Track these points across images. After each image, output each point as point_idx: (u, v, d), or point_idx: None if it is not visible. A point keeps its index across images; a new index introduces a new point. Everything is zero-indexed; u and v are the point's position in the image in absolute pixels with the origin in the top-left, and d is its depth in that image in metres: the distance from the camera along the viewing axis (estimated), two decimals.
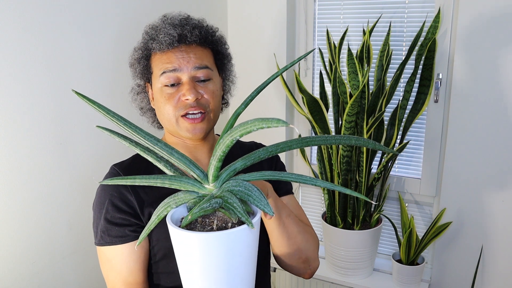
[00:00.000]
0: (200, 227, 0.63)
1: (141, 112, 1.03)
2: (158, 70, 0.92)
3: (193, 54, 0.92)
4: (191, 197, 0.64)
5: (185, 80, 0.91)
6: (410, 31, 1.78)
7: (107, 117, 0.60)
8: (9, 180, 1.17)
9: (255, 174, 0.64)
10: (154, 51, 0.94)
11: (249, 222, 0.58)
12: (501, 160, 1.64)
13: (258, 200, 0.59)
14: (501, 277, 1.75)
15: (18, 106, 1.17)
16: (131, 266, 0.92)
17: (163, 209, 0.64)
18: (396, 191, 1.93)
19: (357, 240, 1.80)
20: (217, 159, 0.59)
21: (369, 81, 1.69)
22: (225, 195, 0.61)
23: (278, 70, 0.64)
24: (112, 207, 0.92)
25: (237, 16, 2.03)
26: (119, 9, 1.45)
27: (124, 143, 0.62)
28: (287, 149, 0.63)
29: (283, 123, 0.45)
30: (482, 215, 1.72)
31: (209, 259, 0.60)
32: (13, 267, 1.20)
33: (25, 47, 1.17)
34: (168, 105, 0.91)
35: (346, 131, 1.66)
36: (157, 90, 0.94)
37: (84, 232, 1.40)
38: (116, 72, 1.46)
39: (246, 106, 0.65)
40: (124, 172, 0.95)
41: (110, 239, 0.91)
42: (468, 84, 1.64)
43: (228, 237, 0.59)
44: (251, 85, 1.11)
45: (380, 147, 0.68)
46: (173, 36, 0.91)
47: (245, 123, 0.50)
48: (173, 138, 0.99)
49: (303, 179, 0.62)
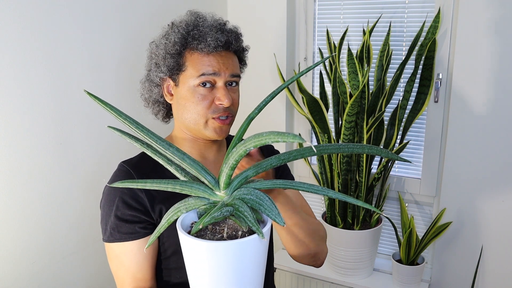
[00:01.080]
0: (210, 234, 0.63)
1: (146, 103, 1.03)
2: (196, 71, 0.93)
3: (231, 61, 0.96)
4: (201, 203, 0.63)
5: (221, 85, 0.94)
6: (410, 31, 1.78)
7: (118, 119, 0.60)
8: (9, 180, 1.17)
9: (266, 182, 0.64)
10: (195, 50, 0.94)
11: (260, 232, 0.58)
12: (501, 160, 1.64)
13: (270, 210, 0.59)
14: (501, 277, 1.75)
15: (18, 106, 1.17)
16: (140, 262, 0.93)
17: (173, 214, 0.64)
18: (396, 191, 1.93)
19: (357, 240, 1.80)
20: (230, 167, 0.59)
21: (369, 81, 1.69)
22: (236, 203, 0.61)
23: (295, 75, 0.63)
24: (122, 204, 0.92)
25: (237, 16, 2.03)
26: (119, 9, 1.45)
27: (135, 145, 0.61)
28: (300, 157, 0.63)
29: (299, 139, 0.45)
30: (482, 215, 1.72)
31: (218, 267, 0.59)
32: (13, 267, 1.20)
33: (25, 47, 1.17)
34: (200, 106, 0.93)
35: (346, 131, 1.66)
36: (187, 89, 0.94)
37: (84, 232, 1.40)
38: (117, 72, 1.46)
39: (259, 111, 0.65)
40: (134, 170, 0.96)
41: (120, 235, 0.92)
42: (468, 84, 1.64)
43: (238, 246, 0.59)
44: (251, 85, 1.11)
45: (393, 156, 0.67)
46: (221, 41, 0.93)
47: (260, 134, 0.50)
48: (184, 134, 1.00)
49: (314, 189, 0.62)
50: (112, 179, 0.97)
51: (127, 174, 0.96)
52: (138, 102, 1.06)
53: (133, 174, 0.95)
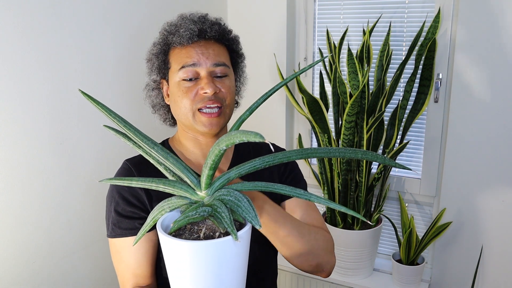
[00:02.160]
0: (188, 234, 0.63)
1: (153, 110, 1.04)
2: (177, 65, 0.94)
3: (212, 50, 0.94)
4: (183, 202, 0.64)
5: (204, 75, 0.93)
6: (410, 31, 1.78)
7: (109, 118, 0.61)
8: (9, 180, 1.17)
9: (248, 184, 0.64)
10: (173, 45, 0.95)
11: (234, 234, 0.57)
12: (501, 160, 1.64)
13: (247, 211, 0.59)
14: (501, 277, 1.75)
15: (18, 106, 1.17)
16: (140, 259, 0.94)
17: (157, 212, 0.65)
18: (396, 191, 1.93)
19: (357, 240, 1.80)
20: (208, 167, 0.59)
21: (369, 81, 1.69)
22: (215, 203, 0.61)
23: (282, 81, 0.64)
24: (122, 200, 0.95)
25: (237, 16, 2.03)
26: (119, 9, 1.45)
27: (128, 144, 0.63)
28: (285, 160, 0.63)
29: (260, 138, 0.46)
30: (482, 215, 1.72)
31: (192, 267, 0.59)
32: (13, 267, 1.20)
33: (25, 47, 1.17)
34: (185, 99, 0.93)
35: (346, 131, 1.66)
36: (174, 85, 0.95)
37: (84, 231, 1.40)
38: (117, 72, 1.46)
39: (251, 113, 0.65)
40: (136, 167, 0.98)
41: (121, 231, 0.94)
42: (468, 84, 1.64)
43: (212, 247, 0.59)
44: (250, 85, 1.11)
45: (390, 162, 0.66)
46: (194, 30, 0.93)
47: (229, 134, 0.51)
48: (186, 134, 1.00)
49: (296, 193, 0.62)
50: (116, 175, 1.00)
51: (128, 171, 0.98)
52: (139, 102, 1.06)
53: (133, 172, 0.97)
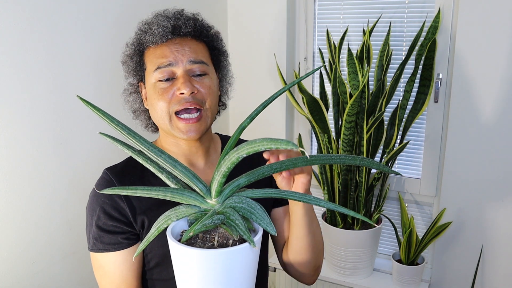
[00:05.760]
0: (200, 242, 0.62)
1: (134, 115, 0.98)
2: (152, 66, 0.88)
3: (188, 47, 0.88)
4: (192, 211, 0.63)
5: (180, 74, 0.86)
6: (410, 31, 1.78)
7: (111, 125, 0.59)
8: (9, 180, 1.17)
9: (258, 191, 0.63)
10: (147, 45, 0.89)
11: (251, 240, 0.57)
12: (501, 160, 1.64)
13: (261, 218, 0.59)
14: (501, 277, 1.75)
15: (19, 106, 1.17)
16: (124, 273, 0.91)
17: (163, 222, 0.63)
18: (396, 191, 1.93)
19: (357, 240, 1.80)
20: (222, 175, 0.58)
21: (369, 81, 1.69)
22: (228, 211, 0.60)
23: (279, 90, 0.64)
24: (104, 215, 0.89)
25: (237, 16, 2.03)
26: (119, 9, 1.45)
27: (127, 152, 0.60)
28: (292, 166, 0.63)
29: (292, 146, 0.44)
30: (482, 215, 1.72)
31: (207, 275, 0.59)
32: (13, 267, 1.20)
33: (26, 48, 1.17)
34: (161, 101, 0.86)
35: (346, 131, 1.66)
36: (150, 87, 0.89)
37: (84, 232, 1.40)
38: (117, 73, 1.46)
39: (251, 120, 0.64)
40: (117, 177, 0.91)
41: (103, 246, 0.90)
42: (468, 84, 1.64)
43: (229, 255, 0.58)
44: (250, 85, 1.11)
45: (385, 169, 0.67)
46: (167, 27, 0.87)
47: (253, 141, 0.50)
48: (168, 139, 0.94)
49: (306, 199, 0.62)
50: (95, 186, 0.92)
51: (109, 183, 0.90)
52: None
53: (114, 182, 0.90)
